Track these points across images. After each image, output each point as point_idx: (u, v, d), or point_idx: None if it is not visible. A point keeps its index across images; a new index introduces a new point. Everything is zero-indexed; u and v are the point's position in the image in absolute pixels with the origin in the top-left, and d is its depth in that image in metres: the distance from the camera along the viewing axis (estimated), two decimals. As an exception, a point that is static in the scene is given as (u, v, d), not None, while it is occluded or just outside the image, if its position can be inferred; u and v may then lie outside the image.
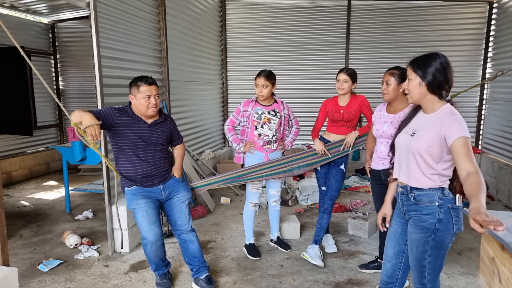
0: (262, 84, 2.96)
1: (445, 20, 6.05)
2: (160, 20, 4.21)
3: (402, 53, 6.11)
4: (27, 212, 4.41)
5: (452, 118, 1.67)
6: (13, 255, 3.25)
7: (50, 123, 6.56)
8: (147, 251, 2.54)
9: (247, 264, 3.06)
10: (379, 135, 2.63)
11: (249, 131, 3.11)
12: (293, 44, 6.64)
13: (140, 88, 2.41)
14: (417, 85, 1.77)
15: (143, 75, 2.49)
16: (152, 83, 2.45)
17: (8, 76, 5.40)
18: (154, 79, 2.51)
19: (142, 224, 2.46)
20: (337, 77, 2.99)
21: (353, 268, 2.95)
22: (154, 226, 2.46)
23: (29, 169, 6.09)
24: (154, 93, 2.44)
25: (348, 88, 2.96)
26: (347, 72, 2.95)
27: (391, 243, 1.98)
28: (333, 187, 3.09)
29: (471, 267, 2.96)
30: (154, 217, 2.48)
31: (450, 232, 1.75)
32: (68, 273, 2.92)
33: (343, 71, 2.97)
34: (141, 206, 2.46)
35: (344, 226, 3.84)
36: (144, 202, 2.47)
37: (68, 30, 6.64)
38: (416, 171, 1.78)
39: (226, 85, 6.92)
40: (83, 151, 4.10)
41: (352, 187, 5.23)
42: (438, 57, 1.75)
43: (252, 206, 3.20)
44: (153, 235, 2.46)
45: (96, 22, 3.01)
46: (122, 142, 2.45)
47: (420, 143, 1.75)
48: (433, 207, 1.75)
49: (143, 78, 2.45)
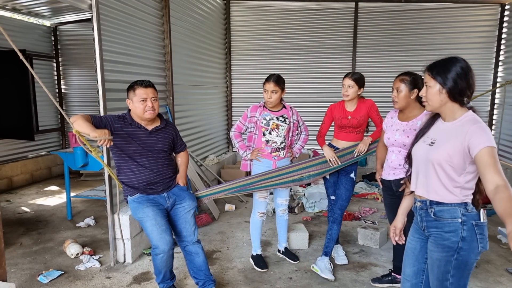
0: (272, 90, 2.83)
1: (455, 22, 5.92)
2: (164, 23, 4.12)
3: (411, 56, 5.99)
4: (28, 219, 4.31)
5: (476, 126, 1.55)
6: (13, 265, 3.14)
7: (52, 127, 6.48)
8: (157, 261, 2.41)
9: (254, 276, 2.94)
10: (390, 144, 2.50)
11: (257, 137, 3.00)
12: (298, 47, 6.52)
13: (136, 91, 2.34)
14: (436, 93, 1.65)
15: (139, 79, 2.41)
16: (148, 86, 2.37)
17: (10, 80, 5.32)
18: (152, 82, 2.42)
19: (153, 234, 2.33)
20: (342, 82, 2.86)
21: (366, 282, 2.82)
22: (165, 235, 2.33)
23: (31, 174, 6.00)
24: (150, 95, 2.35)
25: (353, 94, 2.83)
26: (353, 77, 2.81)
27: (410, 261, 1.86)
28: (343, 196, 2.96)
29: (490, 281, 2.82)
30: (164, 225, 2.35)
31: (474, 251, 1.62)
32: (68, 285, 2.82)
33: (348, 76, 2.83)
34: (148, 215, 2.34)
35: (353, 236, 3.71)
36: (151, 211, 2.35)
37: (70, 33, 6.57)
38: (435, 184, 1.66)
39: (230, 89, 6.82)
40: (85, 157, 4.00)
41: (360, 193, 5.09)
42: (458, 62, 1.63)
43: (259, 215, 3.08)
44: (165, 244, 2.32)
45: (99, 25, 2.92)
46: (123, 150, 2.37)
47: (440, 153, 1.63)
48: (456, 224, 1.63)
49: (139, 81, 2.38)
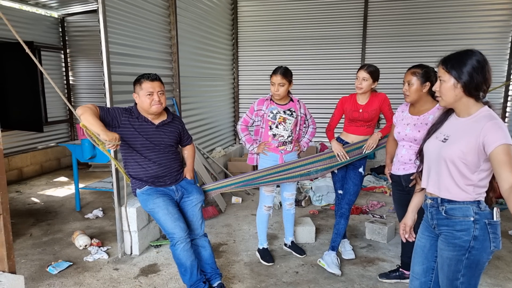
0: (279, 83, 2.79)
1: (468, 12, 5.74)
2: (171, 14, 4.06)
3: (422, 47, 5.83)
4: (38, 210, 4.37)
5: (492, 122, 1.50)
6: (23, 255, 3.19)
7: (60, 119, 6.52)
8: (178, 252, 2.32)
9: (261, 270, 2.94)
10: (400, 138, 2.44)
11: (263, 131, 2.96)
12: (306, 38, 6.41)
13: (143, 85, 2.32)
14: (451, 87, 1.59)
15: (146, 72, 2.38)
16: (155, 79, 2.34)
17: (19, 72, 5.34)
18: (159, 75, 2.39)
19: (167, 223, 2.30)
20: (357, 74, 2.80)
21: (373, 277, 2.80)
22: (179, 222, 2.31)
23: (40, 165, 6.07)
24: (157, 89, 2.32)
25: (367, 87, 2.76)
26: (368, 70, 2.74)
27: (419, 259, 1.82)
28: (350, 191, 2.93)
29: (500, 278, 2.78)
30: (177, 214, 2.34)
31: (487, 250, 1.58)
32: (77, 276, 2.85)
33: (364, 68, 2.76)
34: (160, 205, 2.33)
35: (361, 230, 3.68)
36: (162, 201, 2.34)
37: (78, 24, 6.55)
38: (447, 181, 1.62)
39: (237, 81, 6.76)
40: (93, 149, 4.02)
41: (368, 187, 5.04)
42: (474, 55, 1.56)
43: (265, 209, 3.06)
44: (181, 230, 2.30)
45: (105, 17, 2.89)
46: (130, 144, 2.36)
47: (453, 150, 1.58)
48: (468, 223, 1.59)
49: (146, 74, 2.35)
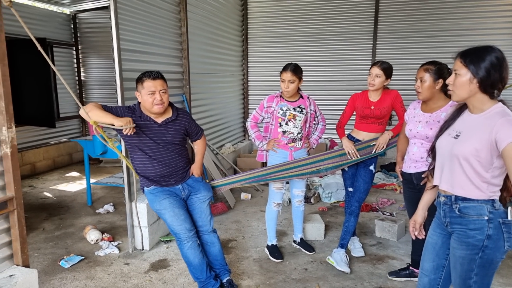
0: (289, 80, 2.78)
1: (482, 7, 5.62)
2: (181, 10, 4.07)
3: (435, 43, 5.73)
4: (50, 204, 4.45)
5: (504, 119, 1.47)
6: (36, 249, 3.26)
7: (72, 115, 6.61)
8: (185, 250, 2.39)
9: (270, 266, 2.95)
10: (412, 136, 2.41)
11: (273, 128, 2.96)
12: (316, 34, 6.36)
13: (144, 84, 2.26)
14: (466, 82, 1.56)
15: (148, 70, 2.32)
16: (157, 78, 2.28)
17: (32, 68, 5.42)
18: (161, 73, 2.33)
19: (173, 224, 2.36)
20: (370, 71, 2.77)
21: (382, 275, 2.78)
22: (185, 223, 2.37)
23: (53, 160, 6.17)
24: (159, 88, 2.27)
25: (380, 84, 2.74)
26: (381, 66, 2.71)
27: (429, 256, 1.81)
28: (361, 189, 2.91)
29: (512, 278, 2.74)
30: (184, 215, 2.38)
31: (500, 250, 1.57)
32: (89, 270, 2.90)
33: (377, 65, 2.73)
34: (166, 208, 2.37)
35: (370, 227, 3.66)
36: (168, 203, 2.37)
37: (89, 21, 6.61)
38: (461, 178, 1.60)
39: (247, 77, 6.76)
40: (104, 145, 4.07)
41: (378, 184, 5.01)
42: (494, 51, 1.53)
43: (275, 206, 3.06)
44: (186, 231, 2.36)
45: (116, 14, 2.91)
46: (133, 143, 2.36)
47: (465, 147, 1.56)
48: (482, 222, 1.57)
49: (148, 72, 2.29)
